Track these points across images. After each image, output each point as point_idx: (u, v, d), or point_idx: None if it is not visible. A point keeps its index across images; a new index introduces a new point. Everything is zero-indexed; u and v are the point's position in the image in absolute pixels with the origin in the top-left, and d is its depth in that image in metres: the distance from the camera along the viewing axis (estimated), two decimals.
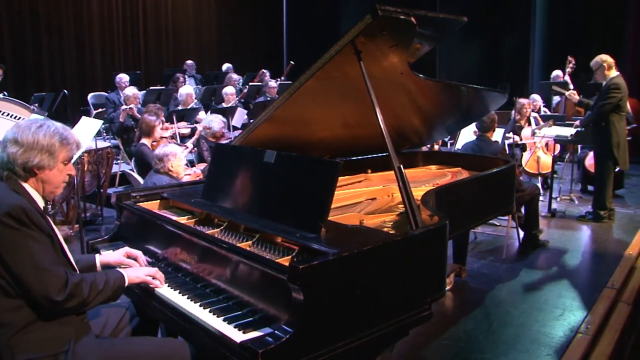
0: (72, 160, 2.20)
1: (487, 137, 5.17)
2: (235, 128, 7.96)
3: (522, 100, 7.37)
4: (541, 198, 5.84)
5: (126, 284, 2.22)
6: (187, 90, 8.46)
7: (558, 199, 7.16)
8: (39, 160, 2.05)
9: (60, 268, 1.99)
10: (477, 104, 3.96)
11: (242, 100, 9.58)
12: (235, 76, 10.54)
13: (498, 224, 5.81)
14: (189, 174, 4.86)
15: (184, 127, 7.25)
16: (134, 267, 2.41)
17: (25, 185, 2.08)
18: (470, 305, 4.12)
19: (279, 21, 15.21)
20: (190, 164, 5.68)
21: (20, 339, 1.95)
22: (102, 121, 4.97)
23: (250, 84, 10.32)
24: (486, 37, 12.00)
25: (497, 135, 5.85)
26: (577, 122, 6.67)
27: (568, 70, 8.42)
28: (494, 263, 5.02)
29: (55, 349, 2.00)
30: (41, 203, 2.12)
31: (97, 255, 2.47)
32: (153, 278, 2.32)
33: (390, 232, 2.57)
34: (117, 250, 2.57)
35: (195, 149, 6.50)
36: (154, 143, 5.43)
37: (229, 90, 8.96)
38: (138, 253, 2.51)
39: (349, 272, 1.97)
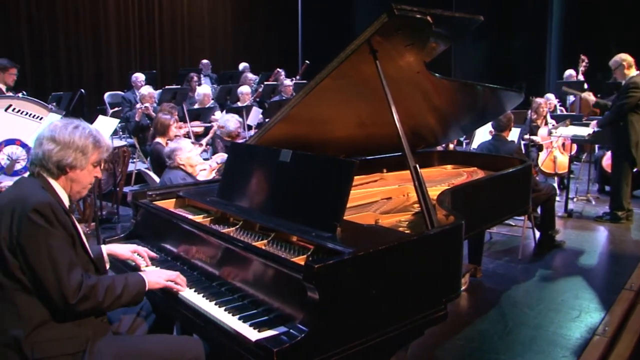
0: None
1: (503, 137, 5.14)
2: (250, 127, 7.99)
3: (539, 100, 7.30)
4: (557, 198, 5.78)
5: (146, 289, 2.20)
6: (205, 90, 8.47)
7: (575, 199, 7.09)
8: (72, 159, 2.11)
9: (77, 270, 2.00)
10: (493, 103, 3.93)
11: (257, 99, 9.61)
12: (250, 75, 10.57)
13: (514, 224, 5.77)
14: (205, 169, 4.89)
15: (197, 126, 7.26)
16: (154, 270, 2.43)
17: (55, 184, 2.13)
18: (485, 306, 4.09)
19: (294, 20, 15.22)
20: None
21: (38, 336, 1.97)
22: (118, 120, 5.01)
23: (265, 83, 10.34)
24: (502, 36, 11.92)
25: (513, 134, 5.81)
26: (594, 123, 6.60)
27: (581, 69, 8.34)
28: (509, 263, 4.98)
29: (73, 349, 2.01)
30: (67, 202, 2.16)
31: (103, 247, 2.51)
32: (174, 283, 2.29)
33: (406, 231, 2.57)
34: (124, 245, 2.61)
35: (209, 147, 6.54)
36: (169, 142, 5.46)
37: (244, 89, 8.98)
38: (144, 252, 2.55)
39: (364, 272, 1.97)
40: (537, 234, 5.44)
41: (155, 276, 2.27)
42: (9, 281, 1.96)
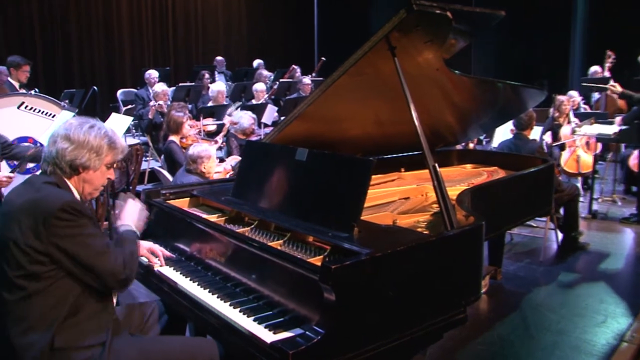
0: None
1: (524, 135, 5.11)
2: (265, 125, 8.01)
3: (561, 97, 7.23)
4: (581, 199, 5.73)
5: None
6: (219, 87, 8.45)
7: (599, 200, 7.01)
8: (86, 160, 2.12)
9: (115, 248, 2.12)
10: (515, 101, 3.91)
11: (273, 97, 9.63)
12: (265, 72, 10.59)
13: (535, 225, 5.72)
14: (219, 172, 4.91)
15: (210, 124, 7.28)
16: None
17: (68, 183, 2.14)
18: (506, 309, 4.07)
19: (310, 16, 15.23)
20: (220, 160, 5.73)
21: (61, 335, 1.98)
22: (131, 118, 5.04)
23: (281, 80, 10.36)
24: (524, 31, 11.81)
25: (535, 133, 5.77)
26: (619, 119, 6.51)
27: (608, 65, 8.22)
28: (531, 265, 4.95)
29: (93, 341, 2.03)
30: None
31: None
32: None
33: (424, 232, 2.57)
34: (141, 242, 2.62)
35: (224, 143, 6.57)
36: (183, 140, 5.50)
37: (259, 86, 9.00)
38: (160, 251, 2.62)
39: (381, 273, 1.97)
40: (560, 235, 5.40)
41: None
42: (35, 282, 1.97)
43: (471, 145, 6.27)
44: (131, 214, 2.43)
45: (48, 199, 2.00)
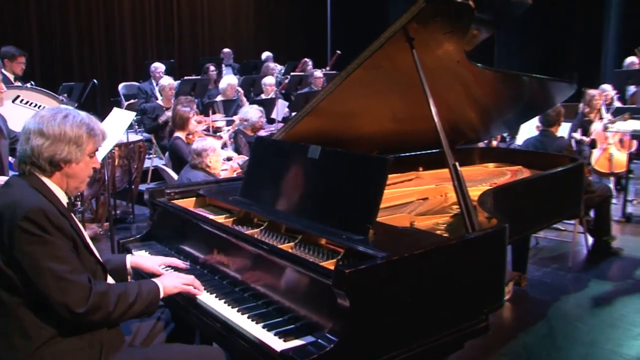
0: (100, 154, 2.22)
1: (551, 132, 5.09)
2: (273, 121, 8.03)
3: (592, 92, 7.19)
4: (613, 200, 5.70)
5: (161, 296, 2.21)
6: (230, 80, 8.43)
7: (634, 201, 6.95)
8: (66, 153, 2.06)
9: (83, 276, 1.98)
10: (541, 95, 3.90)
11: (283, 91, 9.66)
12: (272, 65, 10.58)
13: (563, 228, 5.70)
14: (226, 169, 4.94)
15: (220, 120, 7.30)
16: (169, 274, 2.41)
17: (48, 182, 2.08)
18: (531, 318, 4.06)
19: (322, 6, 15.21)
20: (227, 159, 5.77)
21: (46, 351, 1.97)
22: (134, 113, 5.09)
23: (292, 74, 10.38)
24: (552, 19, 11.73)
25: (563, 130, 5.74)
26: None
27: None
28: (558, 272, 4.93)
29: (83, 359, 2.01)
30: (64, 200, 2.13)
31: (128, 256, 2.51)
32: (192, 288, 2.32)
33: (444, 235, 2.58)
34: (152, 256, 2.63)
35: (232, 140, 6.59)
36: (189, 136, 5.54)
37: (268, 80, 9.02)
38: (176, 262, 2.57)
39: (398, 278, 1.99)
40: (590, 239, 5.37)
41: (170, 281, 2.28)
42: (11, 296, 1.95)
43: (494, 143, 6.26)
44: (171, 278, 2.33)
45: (15, 205, 1.93)
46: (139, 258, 2.54)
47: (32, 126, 2.06)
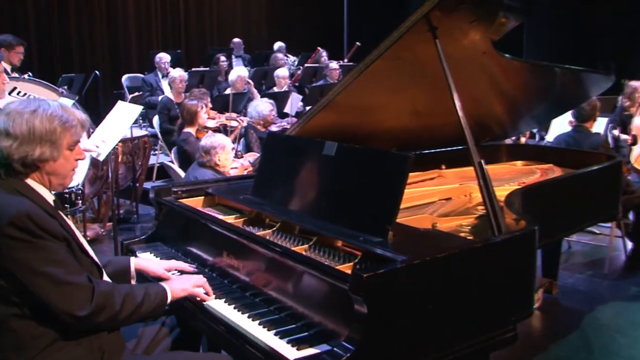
0: (84, 143, 2.20)
1: (585, 128, 5.06)
2: (286, 115, 8.04)
3: (634, 84, 7.10)
4: None
5: (168, 301, 2.20)
6: (239, 72, 8.42)
7: None
8: (40, 153, 1.98)
9: (83, 277, 1.97)
10: (575, 88, 3.89)
11: (296, 84, 9.67)
12: (281, 56, 10.56)
13: (599, 232, 5.66)
14: (236, 167, 4.97)
15: (234, 119, 7.22)
16: (178, 278, 2.42)
17: (29, 182, 2.03)
18: (563, 328, 4.05)
19: None
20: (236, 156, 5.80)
21: (42, 354, 1.97)
22: (141, 107, 5.11)
23: (306, 65, 10.38)
24: (587, 6, 11.62)
25: (599, 125, 5.70)
26: None
27: None
28: (593, 278, 4.90)
29: None
30: (50, 198, 2.09)
31: (132, 259, 2.50)
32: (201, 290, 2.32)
33: (468, 237, 2.58)
34: (158, 260, 2.66)
35: (242, 137, 6.61)
36: (202, 130, 5.55)
37: (281, 72, 9.01)
38: (183, 265, 2.57)
39: (419, 283, 1.99)
40: (629, 244, 5.33)
41: (179, 284, 2.27)
42: (2, 306, 1.93)
43: (522, 140, 6.24)
44: (179, 282, 2.32)
45: None
46: (144, 261, 2.54)
47: None
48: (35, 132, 1.96)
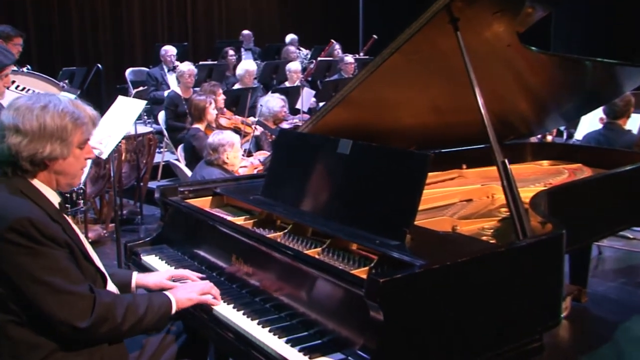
0: (93, 141, 2.20)
1: (618, 126, 5.04)
2: (298, 112, 8.06)
3: None
4: None
5: (173, 311, 2.21)
6: (247, 66, 8.45)
7: None
8: (50, 151, 1.99)
9: (84, 287, 1.98)
10: (606, 82, 3.87)
11: (309, 78, 9.67)
12: (292, 49, 10.56)
13: (632, 236, 5.63)
14: (245, 166, 4.99)
15: (249, 125, 7.10)
16: (183, 285, 2.42)
17: (34, 182, 2.05)
18: (593, 339, 4.03)
19: None
20: (248, 154, 5.81)
21: None
22: (145, 102, 5.14)
23: (319, 59, 10.38)
24: None
25: (633, 122, 5.67)
26: None
27: None
28: (626, 287, 4.87)
29: None
30: (56, 200, 2.11)
31: (134, 274, 2.51)
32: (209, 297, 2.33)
33: (491, 241, 2.58)
34: (158, 272, 2.65)
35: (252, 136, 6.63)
36: (216, 126, 5.56)
37: (293, 66, 9.02)
38: (187, 273, 2.56)
39: (439, 289, 2.00)
40: None
41: (184, 293, 2.27)
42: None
43: (549, 138, 6.20)
44: (185, 291, 2.33)
45: None
46: (144, 277, 2.51)
47: (7, 121, 1.98)
48: (46, 128, 1.97)
